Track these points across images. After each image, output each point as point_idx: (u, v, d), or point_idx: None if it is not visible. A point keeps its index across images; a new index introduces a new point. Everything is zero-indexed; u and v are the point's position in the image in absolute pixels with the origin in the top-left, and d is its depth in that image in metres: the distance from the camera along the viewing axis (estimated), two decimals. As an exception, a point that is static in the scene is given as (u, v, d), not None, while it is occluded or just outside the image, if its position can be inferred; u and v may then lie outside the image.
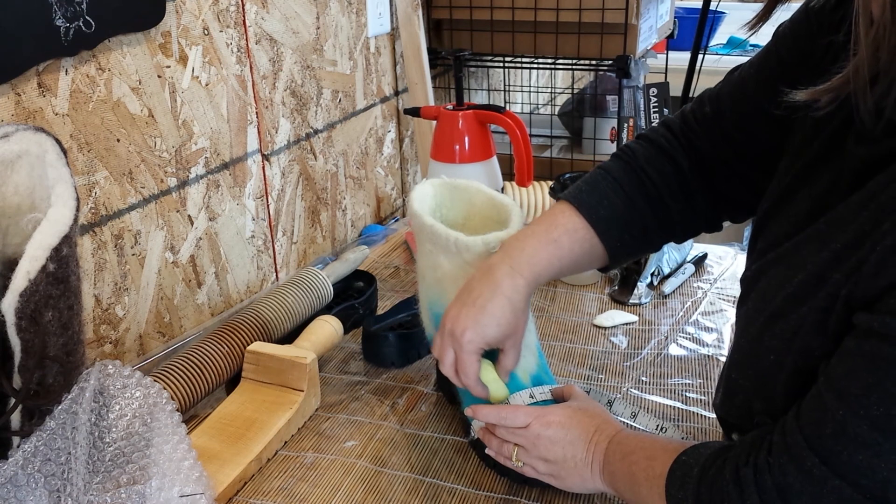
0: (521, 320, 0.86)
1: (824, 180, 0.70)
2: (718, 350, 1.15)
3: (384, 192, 1.74)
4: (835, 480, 0.59)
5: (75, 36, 0.95)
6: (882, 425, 0.57)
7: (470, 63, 1.85)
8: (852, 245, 0.62)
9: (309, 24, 1.40)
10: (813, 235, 0.67)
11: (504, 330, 0.84)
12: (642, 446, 0.77)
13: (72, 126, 0.99)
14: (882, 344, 0.58)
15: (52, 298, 0.69)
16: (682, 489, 0.69)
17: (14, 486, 0.69)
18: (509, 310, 0.83)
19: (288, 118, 1.38)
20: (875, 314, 0.58)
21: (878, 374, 0.58)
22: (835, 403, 0.60)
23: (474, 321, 0.82)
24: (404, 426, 1.01)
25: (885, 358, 0.57)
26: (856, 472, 0.58)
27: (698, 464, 0.69)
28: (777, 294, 0.68)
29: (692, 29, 2.48)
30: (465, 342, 0.83)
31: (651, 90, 1.90)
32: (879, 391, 0.57)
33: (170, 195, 1.15)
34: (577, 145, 1.91)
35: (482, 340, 0.83)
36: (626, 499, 0.78)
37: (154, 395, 0.82)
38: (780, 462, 0.63)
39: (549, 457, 0.82)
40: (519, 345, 0.88)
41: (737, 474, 0.65)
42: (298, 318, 1.16)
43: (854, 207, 0.63)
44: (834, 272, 0.63)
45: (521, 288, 0.83)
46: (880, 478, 0.58)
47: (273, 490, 0.90)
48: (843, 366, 0.60)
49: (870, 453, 0.58)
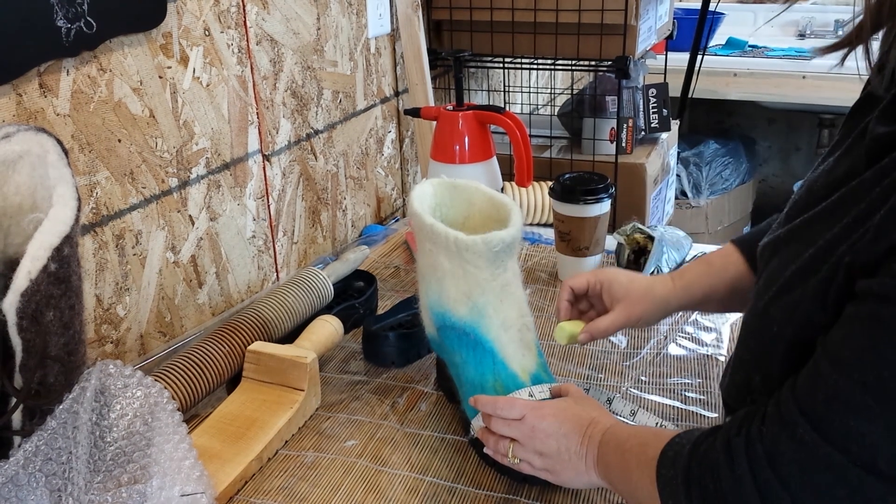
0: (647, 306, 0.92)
1: (844, 165, 0.70)
2: (717, 350, 1.15)
3: (384, 192, 1.74)
4: (825, 447, 0.59)
5: (76, 36, 0.95)
6: (874, 389, 0.56)
7: (470, 64, 1.86)
8: (862, 218, 0.61)
9: (309, 25, 1.40)
10: (826, 211, 0.67)
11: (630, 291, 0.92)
12: (636, 434, 0.76)
13: (73, 126, 0.99)
14: (879, 305, 0.57)
15: (53, 298, 0.69)
16: (672, 468, 0.68)
17: (15, 486, 0.70)
18: (645, 287, 0.92)
19: (288, 119, 1.38)
20: (874, 279, 0.58)
21: (873, 336, 0.57)
22: (829, 369, 0.59)
23: (614, 271, 0.95)
24: (404, 425, 1.01)
25: (882, 319, 0.57)
26: (846, 438, 0.58)
27: (690, 442, 0.69)
28: (787, 269, 0.68)
29: (691, 30, 2.49)
30: (596, 271, 0.96)
31: (650, 91, 1.90)
32: (874, 354, 0.57)
33: (171, 195, 1.15)
34: (577, 146, 1.91)
35: (606, 280, 0.94)
36: (620, 490, 0.77)
37: (155, 395, 0.82)
38: (772, 431, 0.62)
39: (544, 450, 0.82)
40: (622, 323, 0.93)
41: (728, 444, 0.65)
42: (299, 318, 1.16)
43: (868, 185, 0.63)
44: (841, 244, 0.62)
45: (667, 286, 0.92)
46: (870, 443, 0.57)
47: (273, 489, 0.91)
48: (841, 332, 0.60)
49: (861, 419, 0.57)
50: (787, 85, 2.79)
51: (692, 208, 3.10)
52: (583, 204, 1.28)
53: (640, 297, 0.92)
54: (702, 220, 3.12)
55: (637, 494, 0.73)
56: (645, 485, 0.71)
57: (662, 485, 0.69)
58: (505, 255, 0.91)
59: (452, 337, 0.94)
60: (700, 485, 0.65)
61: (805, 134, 3.55)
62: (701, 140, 3.23)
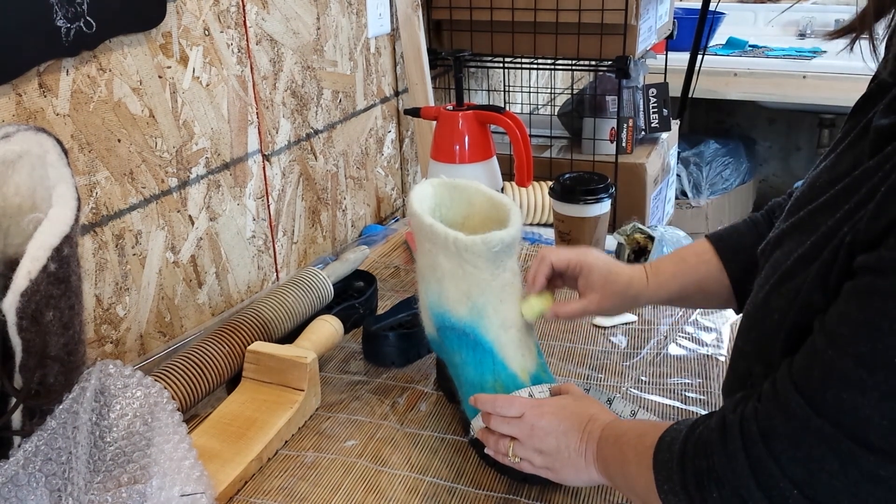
0: (620, 299, 0.92)
1: (848, 160, 0.69)
2: (717, 350, 1.15)
3: (384, 192, 1.74)
4: (817, 420, 0.58)
5: (76, 36, 0.95)
6: (868, 361, 0.56)
7: (470, 64, 1.86)
8: (864, 202, 0.61)
9: (309, 25, 1.40)
10: (829, 201, 0.67)
11: (607, 280, 0.91)
12: (634, 427, 0.76)
13: (73, 126, 0.99)
14: (875, 278, 0.57)
15: (53, 298, 0.69)
16: (668, 451, 0.68)
17: (15, 486, 0.70)
18: (624, 280, 0.91)
19: (288, 118, 1.38)
20: (873, 252, 0.58)
21: (868, 309, 0.57)
22: (824, 345, 0.59)
23: (596, 253, 0.93)
24: (404, 425, 1.01)
25: (877, 291, 0.56)
26: (839, 410, 0.58)
27: (687, 426, 0.69)
28: (789, 258, 0.68)
29: (691, 29, 2.49)
30: (574, 248, 0.94)
31: (650, 91, 1.90)
32: (868, 327, 0.56)
33: (170, 195, 1.15)
34: (577, 146, 1.91)
35: (584, 263, 0.93)
36: (619, 486, 0.77)
37: (155, 395, 0.82)
38: (766, 408, 0.62)
39: (544, 448, 0.82)
40: (591, 310, 0.93)
41: (723, 422, 0.65)
42: (299, 318, 1.16)
43: (870, 172, 0.63)
44: (843, 227, 0.62)
45: (642, 282, 0.92)
46: (863, 415, 0.57)
47: (273, 489, 0.91)
48: (837, 308, 0.60)
49: (855, 391, 0.57)
50: (787, 85, 2.79)
51: (692, 208, 3.11)
52: (583, 204, 1.28)
53: (615, 292, 0.92)
54: (702, 220, 3.12)
55: (635, 486, 0.73)
56: (643, 474, 0.70)
57: (658, 469, 0.69)
58: (505, 255, 0.91)
59: (452, 337, 0.94)
60: (694, 464, 0.65)
61: (805, 134, 3.56)
62: (701, 140, 3.24)
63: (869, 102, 0.71)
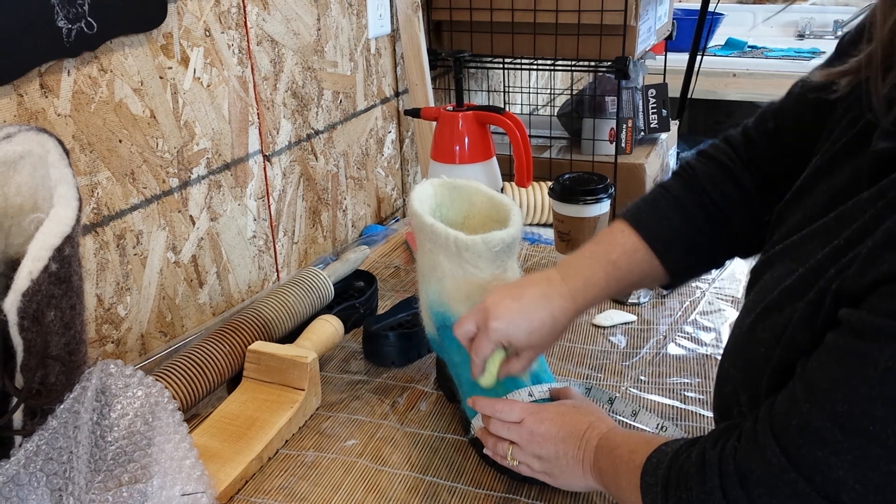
0: (551, 340, 0.87)
1: (845, 174, 0.68)
2: (717, 350, 1.16)
3: (384, 192, 1.75)
4: (791, 473, 0.58)
5: (77, 37, 0.95)
6: (844, 423, 0.56)
7: (470, 64, 1.86)
8: (853, 241, 0.61)
9: (310, 26, 1.41)
10: (821, 229, 0.66)
11: (532, 341, 0.85)
12: (627, 441, 0.77)
13: (74, 127, 0.99)
14: (855, 340, 0.57)
15: (54, 298, 0.69)
16: (653, 475, 0.69)
17: (16, 485, 0.70)
18: (548, 327, 0.84)
19: (289, 119, 1.39)
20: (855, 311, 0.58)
21: (846, 370, 0.57)
22: (803, 396, 0.59)
23: (509, 319, 0.83)
24: (404, 425, 1.01)
25: (856, 354, 0.56)
26: (813, 468, 0.58)
27: (673, 450, 0.69)
28: (776, 286, 0.67)
29: (691, 30, 2.49)
30: (491, 330, 0.84)
31: (650, 91, 1.91)
32: (846, 388, 0.56)
33: (171, 195, 1.15)
34: (576, 146, 1.91)
35: (505, 338, 0.84)
36: (613, 494, 0.78)
37: (156, 395, 0.82)
38: (745, 449, 0.62)
39: (543, 454, 0.82)
40: (534, 359, 0.89)
41: (703, 458, 0.65)
42: (299, 318, 1.16)
43: (863, 205, 0.62)
44: (831, 267, 0.62)
45: (569, 312, 0.85)
46: (836, 476, 0.57)
47: (274, 489, 0.91)
48: (818, 359, 0.60)
49: (829, 451, 0.57)
50: (786, 85, 2.74)
51: (692, 208, 3.10)
52: (582, 204, 1.28)
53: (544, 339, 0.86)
54: (701, 220, 3.11)
55: (626, 500, 0.74)
56: (632, 490, 0.72)
57: (644, 491, 0.70)
58: (505, 255, 0.91)
59: (452, 337, 0.94)
60: (676, 495, 0.66)
61: (804, 134, 3.55)
62: (700, 140, 3.23)
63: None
